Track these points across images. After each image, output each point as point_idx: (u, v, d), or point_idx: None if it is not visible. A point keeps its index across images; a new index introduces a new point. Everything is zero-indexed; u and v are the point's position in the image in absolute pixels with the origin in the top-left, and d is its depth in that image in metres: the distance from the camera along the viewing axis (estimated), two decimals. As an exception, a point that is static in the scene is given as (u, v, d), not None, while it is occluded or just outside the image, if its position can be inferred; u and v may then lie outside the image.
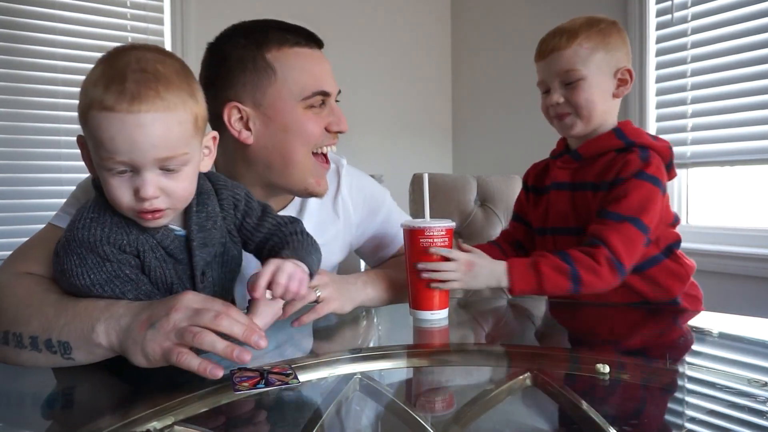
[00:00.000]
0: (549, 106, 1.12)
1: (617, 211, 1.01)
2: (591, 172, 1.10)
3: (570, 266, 0.97)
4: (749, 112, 1.90)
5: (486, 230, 1.66)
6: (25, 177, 2.15)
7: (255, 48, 0.95)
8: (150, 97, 0.63)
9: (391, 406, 0.62)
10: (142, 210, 0.67)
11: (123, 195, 0.66)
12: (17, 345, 0.70)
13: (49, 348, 0.68)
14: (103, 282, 0.69)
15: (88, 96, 0.64)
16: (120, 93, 0.62)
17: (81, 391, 0.67)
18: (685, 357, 0.86)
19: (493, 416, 0.61)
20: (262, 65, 0.94)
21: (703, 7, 2.01)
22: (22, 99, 2.14)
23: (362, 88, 2.78)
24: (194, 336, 0.61)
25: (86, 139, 0.68)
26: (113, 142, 0.63)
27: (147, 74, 0.64)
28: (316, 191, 1.01)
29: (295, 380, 0.66)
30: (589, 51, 1.09)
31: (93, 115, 0.64)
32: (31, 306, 0.71)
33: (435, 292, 0.94)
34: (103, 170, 0.66)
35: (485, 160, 2.94)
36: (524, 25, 2.70)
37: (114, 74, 0.64)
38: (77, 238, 0.69)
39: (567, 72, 1.08)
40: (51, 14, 2.18)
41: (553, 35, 1.13)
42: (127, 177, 0.66)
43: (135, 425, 0.55)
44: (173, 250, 0.73)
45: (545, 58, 1.12)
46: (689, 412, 0.64)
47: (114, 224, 0.70)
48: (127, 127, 0.63)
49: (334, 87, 1.00)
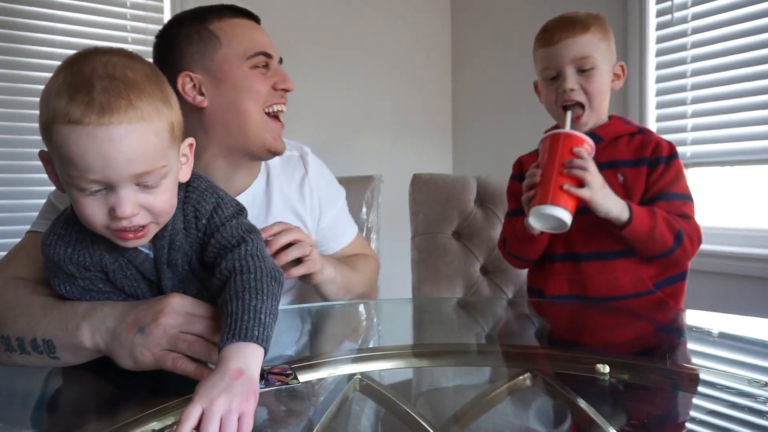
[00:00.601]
0: (560, 93, 1.13)
1: (681, 192, 1.11)
2: (613, 152, 1.15)
3: (679, 227, 1.05)
4: (749, 112, 1.90)
5: (486, 230, 1.65)
6: (25, 177, 2.15)
7: (198, 22, 1.02)
8: (122, 108, 0.57)
9: (391, 406, 0.62)
10: (121, 229, 0.61)
11: (96, 215, 0.60)
12: (7, 348, 0.70)
13: (35, 348, 0.67)
14: (79, 294, 0.69)
15: (50, 108, 0.57)
16: (87, 104, 0.56)
17: (81, 391, 0.67)
18: (685, 357, 0.86)
19: (493, 416, 0.61)
20: (207, 35, 1.00)
21: (703, 7, 2.01)
22: (22, 99, 2.14)
23: (362, 88, 2.78)
24: (188, 345, 0.60)
25: (50, 155, 0.61)
26: (83, 159, 0.57)
27: (116, 81, 0.58)
28: (274, 147, 1.04)
29: (295, 380, 0.66)
30: (599, 41, 1.13)
31: (58, 130, 0.57)
32: (18, 308, 0.71)
33: (572, 194, 1.02)
34: (73, 189, 0.60)
35: (485, 160, 2.94)
36: (524, 25, 2.70)
37: (78, 82, 0.57)
38: (45, 254, 0.67)
39: (583, 59, 1.11)
40: (51, 14, 2.18)
41: (563, 23, 1.14)
42: (100, 195, 0.60)
43: (135, 426, 0.55)
44: (144, 270, 0.69)
45: (555, 44, 1.13)
46: (689, 412, 0.64)
47: (78, 243, 0.66)
48: (98, 142, 0.56)
49: (275, 52, 1.05)
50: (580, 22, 1.13)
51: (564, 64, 1.13)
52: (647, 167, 1.13)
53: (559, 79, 1.14)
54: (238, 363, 0.53)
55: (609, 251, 1.13)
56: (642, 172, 1.13)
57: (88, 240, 0.67)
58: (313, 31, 2.64)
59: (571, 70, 1.13)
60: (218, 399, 0.49)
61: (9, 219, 2.12)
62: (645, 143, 1.15)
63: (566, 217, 1.02)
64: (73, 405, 0.65)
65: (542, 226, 1.07)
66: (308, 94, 2.48)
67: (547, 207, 1.02)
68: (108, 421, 0.55)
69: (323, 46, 2.67)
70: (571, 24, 1.13)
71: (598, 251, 1.14)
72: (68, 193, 0.62)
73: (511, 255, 1.25)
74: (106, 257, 0.67)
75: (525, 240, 1.17)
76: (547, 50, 1.15)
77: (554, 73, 1.15)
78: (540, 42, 1.17)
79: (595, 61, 1.12)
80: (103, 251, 0.67)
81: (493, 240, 1.65)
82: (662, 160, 1.12)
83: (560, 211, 1.01)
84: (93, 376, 0.65)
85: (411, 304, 1.11)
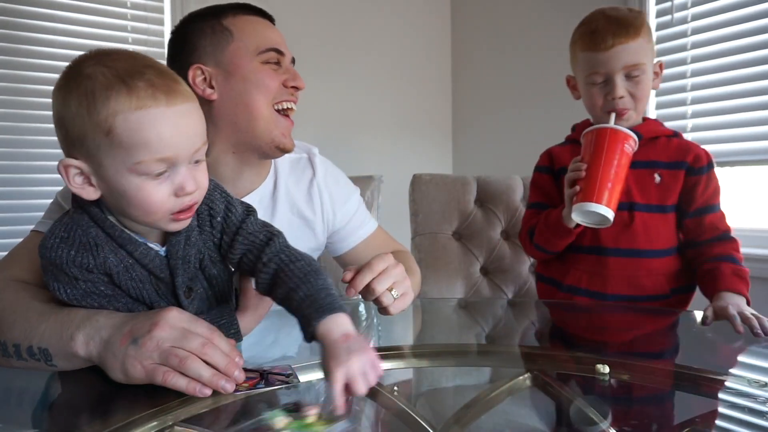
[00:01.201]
0: (608, 99, 1.12)
1: (718, 202, 1.15)
2: (651, 152, 1.16)
3: (741, 269, 1.08)
4: (749, 112, 1.90)
5: (486, 230, 1.65)
6: (25, 177, 2.15)
7: (212, 17, 1.02)
8: (179, 89, 0.63)
9: (391, 406, 0.62)
10: (185, 208, 0.65)
11: (162, 199, 0.63)
12: (4, 353, 0.69)
13: (32, 355, 0.67)
14: (80, 297, 0.68)
15: (106, 104, 0.60)
16: (152, 88, 0.60)
17: (81, 391, 0.67)
18: (685, 357, 0.86)
19: (493, 416, 0.61)
20: (220, 29, 1.01)
21: (703, 7, 2.01)
22: (22, 99, 2.14)
23: (362, 88, 2.78)
24: (180, 361, 0.59)
25: (103, 153, 0.62)
26: (160, 138, 0.61)
27: (158, 68, 0.63)
28: (283, 144, 1.03)
29: (296, 380, 0.66)
30: (647, 43, 1.12)
31: (126, 119, 0.60)
32: (14, 313, 0.71)
33: (617, 193, 1.05)
34: (136, 177, 0.62)
35: (485, 160, 2.94)
36: (524, 25, 2.70)
37: (125, 74, 0.60)
38: (45, 257, 0.66)
39: (636, 66, 1.09)
40: (51, 14, 2.18)
41: (615, 26, 1.10)
42: (164, 178, 0.63)
43: (135, 426, 0.55)
44: (154, 268, 0.69)
45: (608, 50, 1.09)
46: (689, 413, 0.64)
47: (81, 245, 0.66)
48: (171, 120, 0.61)
49: (287, 51, 1.05)
50: (632, 24, 1.09)
51: (615, 71, 1.09)
52: (686, 172, 1.15)
53: (607, 86, 1.11)
54: (341, 330, 0.60)
55: (637, 249, 1.14)
56: (679, 175, 1.15)
57: (91, 242, 0.66)
58: (314, 31, 2.64)
59: (621, 78, 1.10)
60: (352, 361, 0.57)
61: (9, 219, 2.12)
62: (683, 148, 1.17)
63: (611, 215, 1.05)
64: (73, 405, 0.65)
65: (583, 221, 1.09)
66: (308, 94, 2.47)
67: (592, 205, 1.04)
68: (107, 421, 0.55)
69: (323, 47, 2.67)
70: (624, 28, 1.09)
71: (627, 248, 1.15)
72: (126, 185, 0.62)
73: (538, 248, 1.23)
74: (110, 259, 0.67)
75: (560, 233, 1.16)
76: (597, 55, 1.10)
77: (602, 78, 1.12)
78: (588, 44, 1.12)
79: (645, 66, 1.11)
80: (107, 253, 0.67)
81: (493, 240, 1.65)
82: (704, 170, 1.14)
83: (606, 210, 1.04)
84: (93, 376, 0.65)
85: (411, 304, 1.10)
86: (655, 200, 1.15)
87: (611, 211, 1.04)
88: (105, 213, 0.67)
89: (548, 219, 1.18)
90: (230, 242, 0.73)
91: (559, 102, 2.54)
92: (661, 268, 1.15)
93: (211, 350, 0.61)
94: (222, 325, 0.71)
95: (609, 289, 1.16)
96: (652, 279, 1.14)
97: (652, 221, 1.14)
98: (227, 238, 0.73)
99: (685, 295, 1.18)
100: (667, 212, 1.16)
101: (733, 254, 1.11)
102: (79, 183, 0.65)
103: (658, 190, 1.15)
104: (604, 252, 1.16)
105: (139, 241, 0.68)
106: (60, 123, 0.64)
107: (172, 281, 0.71)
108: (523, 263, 1.65)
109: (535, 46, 2.65)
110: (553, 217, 1.16)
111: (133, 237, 0.68)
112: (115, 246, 0.67)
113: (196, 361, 0.60)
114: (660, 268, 1.15)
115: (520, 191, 1.70)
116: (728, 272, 1.06)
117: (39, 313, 0.69)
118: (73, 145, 0.63)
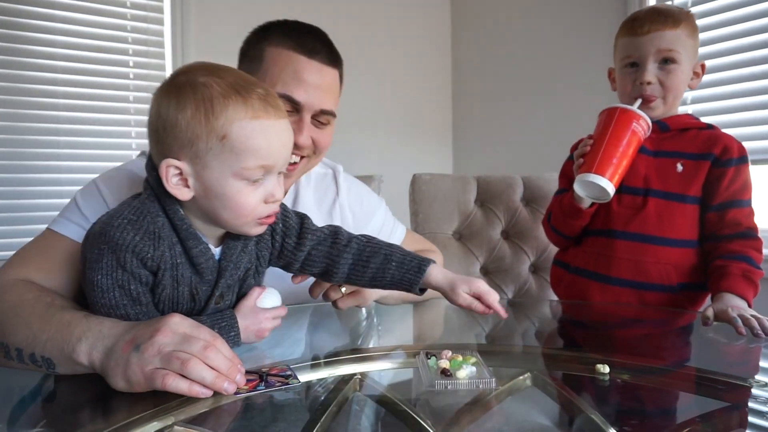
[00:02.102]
0: (638, 83, 1.14)
1: (749, 198, 1.13)
2: (678, 143, 1.16)
3: (754, 272, 1.05)
4: (749, 112, 1.90)
5: (486, 230, 1.66)
6: (25, 177, 2.15)
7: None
8: (280, 106, 0.69)
9: (391, 406, 0.62)
10: (271, 213, 0.70)
11: (255, 203, 0.68)
12: (6, 356, 0.69)
13: (34, 362, 0.67)
14: (105, 287, 0.67)
15: (225, 113, 0.65)
16: (264, 102, 0.67)
17: (81, 391, 0.67)
18: (685, 357, 0.86)
19: (493, 416, 0.61)
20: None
21: (702, 7, 2.01)
22: (22, 99, 2.14)
23: (362, 88, 2.78)
24: (182, 363, 0.59)
25: (212, 156, 0.66)
26: (269, 147, 0.67)
27: (262, 86, 0.69)
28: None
29: (295, 381, 0.66)
30: (687, 37, 1.13)
31: (242, 126, 0.65)
32: (18, 316, 0.70)
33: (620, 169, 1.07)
34: (239, 181, 0.67)
35: (485, 160, 2.94)
36: (524, 25, 2.70)
37: (239, 87, 0.66)
38: (107, 234, 0.66)
39: (669, 51, 1.12)
40: (51, 14, 2.18)
41: (656, 14, 1.14)
42: (258, 185, 0.68)
43: (135, 426, 0.55)
44: (205, 269, 0.72)
45: (644, 35, 1.13)
46: (689, 413, 0.64)
47: (146, 233, 0.67)
48: (278, 131, 0.68)
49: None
50: (672, 15, 1.13)
51: (648, 54, 1.13)
52: (712, 164, 1.13)
53: (638, 70, 1.14)
54: (446, 276, 0.78)
55: (647, 235, 1.14)
56: (704, 166, 1.13)
57: (157, 232, 0.68)
58: (313, 31, 2.64)
59: (652, 63, 1.13)
60: (474, 281, 0.77)
61: (9, 219, 2.12)
62: (714, 139, 1.15)
63: (608, 186, 1.05)
64: (73, 405, 0.65)
65: (585, 194, 1.11)
66: (308, 94, 2.48)
67: (590, 175, 1.06)
68: (108, 421, 0.55)
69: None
70: (663, 16, 1.13)
71: (636, 232, 1.15)
72: (227, 188, 0.67)
73: (554, 230, 1.27)
74: (166, 253, 0.69)
75: (570, 214, 1.19)
76: (633, 39, 1.15)
77: (635, 61, 1.15)
78: (627, 30, 1.17)
79: (678, 55, 1.12)
80: (165, 247, 0.69)
81: (493, 240, 1.65)
82: (733, 162, 1.12)
83: (603, 181, 1.05)
84: (93, 376, 0.65)
85: (411, 304, 1.10)
86: (675, 189, 1.14)
87: (609, 182, 1.06)
88: (178, 207, 0.70)
89: (563, 201, 1.22)
90: (296, 242, 0.79)
91: (559, 102, 2.54)
92: (671, 258, 1.13)
93: (213, 353, 0.61)
94: (222, 328, 0.72)
95: (613, 272, 1.16)
96: (659, 267, 1.13)
97: (668, 209, 1.14)
98: (291, 240, 0.79)
99: (694, 292, 1.15)
100: (687, 203, 1.14)
101: (749, 253, 1.08)
102: (175, 183, 0.67)
103: (679, 178, 1.14)
104: (614, 234, 1.17)
105: (201, 239, 0.71)
106: (166, 125, 0.66)
107: (214, 284, 0.73)
108: (523, 263, 1.65)
109: (535, 47, 2.65)
110: (566, 198, 1.20)
111: (198, 234, 0.71)
112: (173, 241, 0.69)
113: (198, 363, 0.60)
114: (669, 258, 1.13)
115: (520, 191, 1.70)
116: (737, 272, 1.04)
117: (42, 318, 0.69)
118: (180, 147, 0.66)
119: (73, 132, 2.23)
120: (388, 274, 0.78)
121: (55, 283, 0.79)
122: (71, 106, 2.22)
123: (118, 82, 2.30)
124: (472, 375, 0.66)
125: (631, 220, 1.15)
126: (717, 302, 0.99)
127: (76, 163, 2.22)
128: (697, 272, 1.14)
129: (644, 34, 1.13)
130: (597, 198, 1.11)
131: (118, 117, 2.30)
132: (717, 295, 1.02)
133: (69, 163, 2.22)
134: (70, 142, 2.22)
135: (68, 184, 2.20)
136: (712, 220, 1.13)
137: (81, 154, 2.24)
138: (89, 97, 2.25)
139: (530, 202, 1.70)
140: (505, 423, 0.61)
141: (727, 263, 1.07)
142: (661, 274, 1.13)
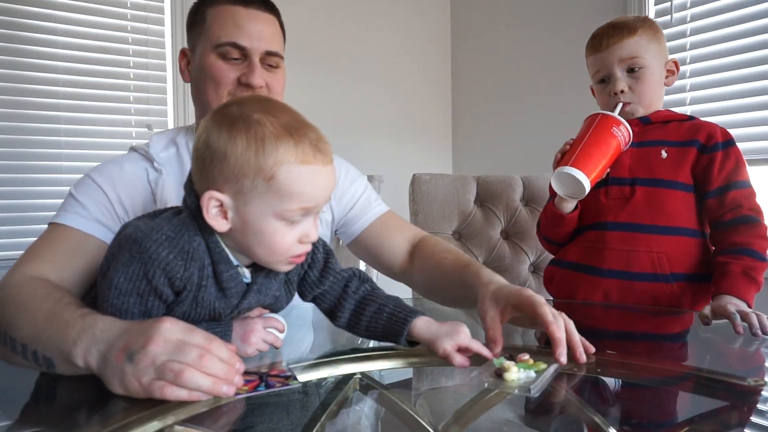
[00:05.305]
0: (611, 95, 1.19)
1: (747, 179, 1.13)
2: (661, 133, 1.20)
3: (755, 267, 1.05)
4: (749, 113, 1.90)
5: (486, 230, 1.66)
6: (25, 177, 2.15)
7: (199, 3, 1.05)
8: (329, 152, 0.69)
9: (391, 406, 0.62)
10: (303, 253, 0.70)
11: (290, 243, 0.68)
12: (13, 349, 0.70)
13: (36, 360, 0.67)
14: (123, 290, 0.66)
15: (275, 155, 0.65)
16: (313, 147, 0.66)
17: (81, 391, 0.67)
18: (686, 357, 0.86)
19: (493, 416, 0.61)
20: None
21: (702, 8, 2.01)
22: (22, 99, 2.14)
23: (362, 89, 2.78)
24: (176, 375, 0.58)
25: (256, 194, 0.65)
26: (313, 192, 0.67)
27: (314, 128, 0.69)
28: None
29: (295, 381, 0.66)
30: (647, 42, 1.18)
31: (289, 169, 0.65)
32: (27, 311, 0.71)
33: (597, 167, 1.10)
34: (279, 221, 0.67)
35: (485, 160, 2.94)
36: (524, 26, 2.70)
37: (291, 128, 0.66)
38: (142, 245, 0.65)
39: (632, 59, 1.17)
40: (51, 14, 2.18)
41: (611, 29, 1.20)
42: (295, 225, 0.68)
43: (135, 426, 0.55)
44: (233, 294, 0.71)
45: (605, 49, 1.19)
46: (689, 412, 0.64)
47: (181, 252, 0.66)
48: (323, 178, 0.68)
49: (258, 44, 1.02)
50: (627, 25, 1.18)
51: (612, 66, 1.18)
52: (699, 150, 1.15)
53: (609, 82, 1.19)
54: (430, 323, 0.74)
55: (638, 224, 1.15)
56: (690, 152, 1.15)
57: (191, 252, 0.67)
58: (314, 31, 2.64)
59: (620, 72, 1.18)
60: (458, 334, 0.73)
61: (9, 219, 2.12)
62: (696, 127, 1.18)
63: (583, 179, 1.07)
64: (73, 405, 0.65)
65: (563, 192, 1.13)
66: (308, 95, 2.48)
67: (566, 168, 1.08)
68: (107, 421, 0.55)
69: (323, 47, 2.68)
70: (619, 29, 1.18)
71: (626, 221, 1.16)
72: (266, 227, 0.67)
73: (544, 238, 1.30)
74: (195, 274, 0.68)
75: (554, 221, 1.22)
76: (598, 56, 1.20)
77: (604, 76, 1.20)
78: (591, 49, 1.23)
79: (643, 60, 1.17)
80: (195, 268, 0.67)
81: (493, 240, 1.65)
82: (719, 146, 1.14)
83: (576, 172, 1.06)
84: (93, 376, 0.65)
85: (411, 304, 1.10)
86: (662, 175, 1.15)
87: (583, 173, 1.07)
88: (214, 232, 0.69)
89: (547, 206, 1.25)
90: (318, 277, 0.80)
91: (558, 102, 2.54)
92: (663, 246, 1.12)
93: (208, 361, 0.60)
94: (216, 333, 0.70)
95: (605, 264, 1.16)
96: (651, 257, 1.12)
97: (657, 196, 1.14)
98: (314, 273, 0.80)
99: (692, 284, 1.13)
100: (678, 189, 1.14)
101: (752, 245, 1.07)
102: (214, 214, 0.67)
103: (665, 165, 1.16)
104: (605, 226, 1.18)
105: (233, 263, 0.70)
106: (214, 157, 0.65)
107: (237, 304, 0.72)
108: (522, 263, 1.66)
109: (534, 47, 2.65)
110: (549, 205, 1.23)
111: (231, 258, 0.70)
112: (205, 263, 0.68)
113: (193, 372, 0.59)
114: (661, 246, 1.12)
115: (520, 191, 1.70)
116: (737, 272, 1.04)
117: (46, 317, 0.69)
118: (225, 181, 0.65)
119: (74, 132, 2.23)
120: (380, 324, 0.76)
121: (67, 274, 0.80)
122: (72, 107, 2.22)
123: (119, 83, 2.30)
124: (519, 380, 0.64)
125: (621, 210, 1.17)
126: (716, 300, 0.99)
127: (77, 163, 2.22)
128: (695, 264, 1.13)
129: (605, 49, 1.18)
130: (573, 194, 1.13)
131: (119, 117, 2.30)
132: (717, 296, 1.02)
133: (70, 163, 2.22)
134: (71, 143, 2.22)
135: (69, 184, 2.17)
136: (712, 206, 1.13)
137: (82, 155, 2.24)
138: (90, 97, 2.25)
139: (530, 202, 1.70)
140: (505, 423, 0.61)
141: (728, 260, 1.06)
142: (653, 262, 1.12)
